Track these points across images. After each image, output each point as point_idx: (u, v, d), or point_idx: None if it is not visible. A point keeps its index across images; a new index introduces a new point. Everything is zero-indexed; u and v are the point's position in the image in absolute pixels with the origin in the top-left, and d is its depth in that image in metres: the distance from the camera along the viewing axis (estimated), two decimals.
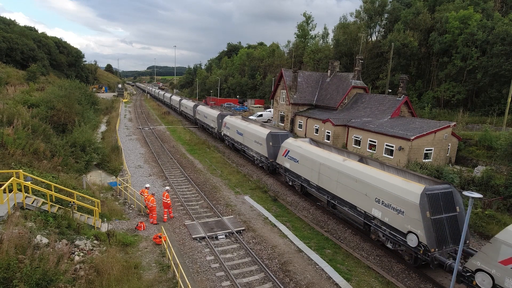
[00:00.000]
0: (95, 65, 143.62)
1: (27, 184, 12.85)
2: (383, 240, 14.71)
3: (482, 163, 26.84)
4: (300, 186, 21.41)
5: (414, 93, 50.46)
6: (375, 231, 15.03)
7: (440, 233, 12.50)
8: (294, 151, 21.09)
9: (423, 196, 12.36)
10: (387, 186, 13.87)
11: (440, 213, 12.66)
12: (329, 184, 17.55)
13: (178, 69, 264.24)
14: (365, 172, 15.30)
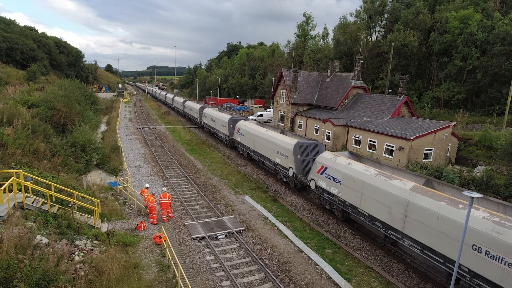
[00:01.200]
0: (95, 65, 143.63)
1: (27, 184, 12.85)
2: (281, 176, 23.08)
3: (482, 163, 26.85)
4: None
5: (414, 93, 50.45)
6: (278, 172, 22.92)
7: (306, 167, 20.75)
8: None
9: (296, 146, 20.98)
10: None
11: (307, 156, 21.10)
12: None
13: (178, 69, 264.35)
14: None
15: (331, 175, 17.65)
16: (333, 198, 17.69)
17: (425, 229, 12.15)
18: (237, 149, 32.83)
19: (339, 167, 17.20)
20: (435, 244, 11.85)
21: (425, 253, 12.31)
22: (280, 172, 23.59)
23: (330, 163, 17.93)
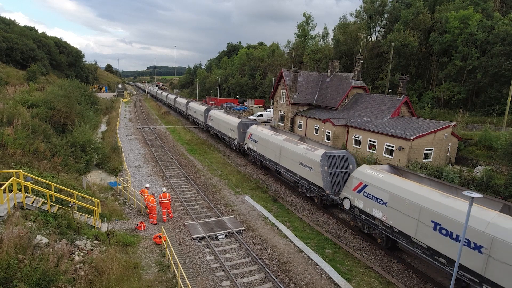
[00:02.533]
0: (95, 65, 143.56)
1: (27, 184, 12.85)
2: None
3: (482, 163, 26.85)
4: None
5: (414, 93, 50.43)
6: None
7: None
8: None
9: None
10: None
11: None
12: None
13: (178, 69, 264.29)
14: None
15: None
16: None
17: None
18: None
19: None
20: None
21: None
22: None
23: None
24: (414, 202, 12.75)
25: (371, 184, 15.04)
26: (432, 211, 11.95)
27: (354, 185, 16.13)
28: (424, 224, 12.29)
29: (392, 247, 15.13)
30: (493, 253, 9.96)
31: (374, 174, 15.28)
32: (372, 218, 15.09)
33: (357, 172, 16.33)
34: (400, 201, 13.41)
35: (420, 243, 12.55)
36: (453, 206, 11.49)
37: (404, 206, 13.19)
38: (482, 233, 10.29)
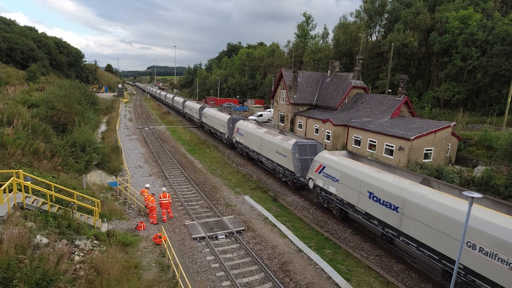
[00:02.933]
0: (95, 65, 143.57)
1: (27, 184, 12.85)
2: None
3: (482, 163, 26.85)
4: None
5: (414, 93, 50.44)
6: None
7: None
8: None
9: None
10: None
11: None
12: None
13: (178, 69, 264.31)
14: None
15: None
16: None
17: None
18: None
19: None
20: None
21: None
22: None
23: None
24: (356, 177, 15.65)
25: (328, 165, 17.81)
26: (368, 183, 14.88)
27: (316, 167, 18.88)
28: (363, 194, 15.25)
29: (344, 217, 17.82)
30: (405, 211, 12.97)
31: (331, 157, 18.15)
32: (329, 194, 17.80)
33: (318, 156, 19.16)
34: (348, 177, 16.24)
35: (361, 210, 15.45)
36: (381, 178, 14.51)
37: (350, 181, 16.05)
38: (398, 197, 13.24)
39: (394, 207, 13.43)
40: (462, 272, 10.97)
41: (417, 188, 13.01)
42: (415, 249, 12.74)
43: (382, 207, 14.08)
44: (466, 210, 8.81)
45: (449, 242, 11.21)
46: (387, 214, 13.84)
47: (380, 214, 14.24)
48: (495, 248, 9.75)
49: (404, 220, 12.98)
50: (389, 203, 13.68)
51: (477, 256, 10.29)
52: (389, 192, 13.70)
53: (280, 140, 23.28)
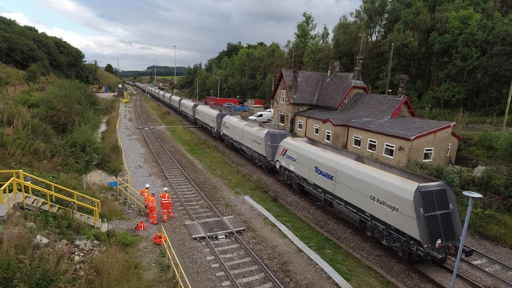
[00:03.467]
0: (95, 65, 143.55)
1: (27, 184, 12.85)
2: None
3: (482, 163, 26.84)
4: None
5: (414, 93, 50.45)
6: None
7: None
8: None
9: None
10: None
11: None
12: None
13: (178, 69, 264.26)
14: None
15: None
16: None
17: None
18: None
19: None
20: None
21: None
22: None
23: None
24: (307, 156, 19.63)
25: (289, 148, 21.82)
26: (315, 160, 18.84)
27: (281, 150, 22.91)
28: (311, 170, 19.15)
29: (302, 191, 21.91)
30: (337, 179, 16.85)
31: (291, 142, 22.25)
32: (290, 172, 21.79)
33: (282, 142, 23.09)
34: (302, 157, 20.22)
35: (311, 182, 19.42)
36: (323, 156, 18.43)
37: (304, 160, 19.96)
38: (333, 168, 17.18)
39: (330, 177, 17.35)
40: (369, 219, 14.93)
41: (344, 161, 16.87)
42: (343, 207, 16.68)
43: (323, 177, 17.99)
44: (372, 174, 14.78)
45: (361, 198, 15.13)
46: (326, 183, 17.75)
47: (322, 183, 18.15)
48: (385, 198, 13.75)
49: (337, 185, 16.89)
50: (327, 174, 17.60)
51: (377, 205, 14.24)
52: (327, 165, 17.62)
53: (256, 130, 27.47)
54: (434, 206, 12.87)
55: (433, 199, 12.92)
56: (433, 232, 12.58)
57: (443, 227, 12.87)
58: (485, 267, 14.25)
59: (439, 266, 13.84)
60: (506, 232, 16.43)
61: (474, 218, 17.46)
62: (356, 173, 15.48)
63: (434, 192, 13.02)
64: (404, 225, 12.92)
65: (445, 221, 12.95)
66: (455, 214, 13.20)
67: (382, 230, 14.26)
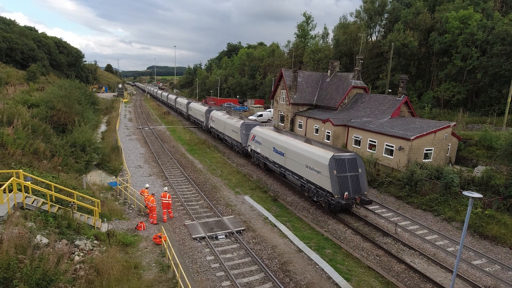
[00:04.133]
0: (95, 65, 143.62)
1: (27, 184, 12.85)
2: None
3: (482, 163, 26.83)
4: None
5: (414, 93, 50.43)
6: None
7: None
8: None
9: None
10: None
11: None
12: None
13: (178, 69, 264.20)
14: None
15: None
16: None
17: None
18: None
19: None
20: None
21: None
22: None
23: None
24: (269, 140, 24.77)
25: (257, 135, 26.96)
26: (273, 142, 23.98)
27: (251, 137, 28.13)
28: (271, 150, 24.22)
29: (266, 169, 27.08)
30: (286, 155, 21.94)
31: (259, 129, 27.53)
32: (258, 154, 27.01)
33: (252, 130, 28.35)
34: (265, 141, 25.34)
35: (271, 160, 24.38)
36: (279, 138, 23.61)
37: (267, 143, 25.07)
38: (283, 147, 22.34)
39: (282, 154, 22.53)
40: (305, 182, 19.96)
41: (292, 141, 22.08)
42: (291, 176, 21.83)
43: (278, 155, 23.11)
44: (307, 149, 20.08)
45: (300, 168, 20.27)
46: (280, 159, 22.90)
47: (278, 160, 23.29)
48: (312, 165, 18.92)
49: (287, 160, 21.99)
50: (281, 152, 22.71)
51: (311, 172, 19.09)
52: (281, 145, 22.77)
53: (234, 122, 32.50)
54: (345, 169, 17.82)
55: (345, 165, 17.85)
56: (342, 187, 17.53)
57: (352, 184, 17.82)
58: (485, 267, 14.25)
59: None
60: (506, 232, 16.42)
61: (474, 218, 17.46)
62: (297, 149, 20.72)
63: (346, 160, 17.95)
64: (323, 183, 17.96)
65: (353, 180, 17.92)
66: (363, 176, 18.26)
67: (313, 189, 19.27)
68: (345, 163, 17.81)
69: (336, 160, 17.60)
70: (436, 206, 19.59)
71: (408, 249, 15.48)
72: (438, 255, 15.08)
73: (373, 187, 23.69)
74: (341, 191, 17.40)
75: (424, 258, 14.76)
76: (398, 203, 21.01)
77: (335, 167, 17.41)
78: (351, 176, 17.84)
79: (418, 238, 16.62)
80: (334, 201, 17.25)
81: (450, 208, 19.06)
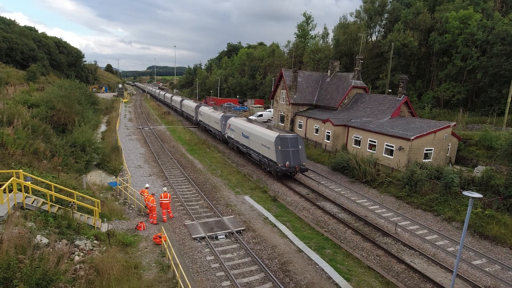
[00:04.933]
0: (95, 65, 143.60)
1: (27, 184, 12.84)
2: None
3: (482, 163, 26.84)
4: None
5: (414, 93, 50.43)
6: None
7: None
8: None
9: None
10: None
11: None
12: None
13: (178, 69, 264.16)
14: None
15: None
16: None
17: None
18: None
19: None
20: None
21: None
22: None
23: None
24: (239, 127, 30.67)
25: (232, 124, 32.94)
26: (242, 129, 29.77)
27: (227, 126, 34.18)
28: (241, 135, 30.01)
29: (238, 151, 33.03)
30: (250, 138, 27.72)
31: (233, 119, 33.48)
32: (232, 139, 33.05)
33: (228, 120, 34.22)
34: (237, 128, 31.21)
35: (240, 143, 30.50)
36: (247, 125, 29.37)
37: (238, 129, 30.84)
38: (248, 132, 28.10)
39: (247, 137, 28.43)
40: (262, 157, 26.03)
41: (255, 127, 28.00)
42: (253, 154, 27.81)
43: (245, 138, 28.95)
44: (263, 131, 26.17)
45: (259, 146, 26.21)
46: (245, 141, 28.93)
47: (245, 142, 29.26)
48: (264, 143, 24.96)
49: (250, 142, 27.90)
50: (246, 136, 28.65)
51: (264, 148, 25.15)
52: (247, 131, 28.63)
53: (216, 114, 38.97)
54: (288, 145, 23.80)
55: (287, 142, 23.85)
56: (284, 159, 23.61)
57: (293, 157, 23.84)
58: (485, 267, 14.25)
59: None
60: (506, 232, 16.42)
61: (474, 218, 17.47)
62: (257, 133, 26.75)
63: (289, 138, 23.99)
64: (272, 156, 24.11)
65: (294, 154, 23.93)
66: (302, 151, 24.32)
67: (266, 162, 25.46)
68: (288, 141, 23.89)
69: (280, 138, 23.60)
70: (436, 206, 19.60)
71: (408, 249, 15.48)
72: (438, 255, 15.08)
73: (373, 187, 23.69)
74: (284, 161, 23.57)
75: (424, 258, 14.76)
76: (398, 203, 21.00)
77: (279, 143, 23.50)
78: (292, 151, 23.87)
79: (418, 238, 16.62)
80: (278, 168, 23.59)
81: (450, 208, 19.06)
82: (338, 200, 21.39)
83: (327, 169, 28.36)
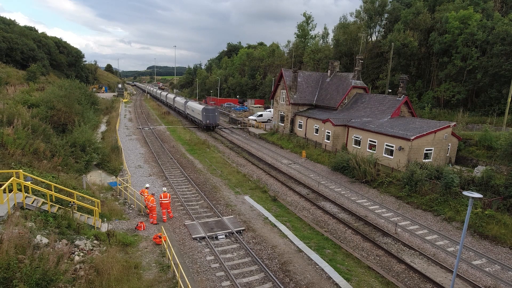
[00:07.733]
0: (95, 65, 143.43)
1: (27, 184, 12.84)
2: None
3: (482, 163, 26.85)
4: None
5: (414, 93, 50.44)
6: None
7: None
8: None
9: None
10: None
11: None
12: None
13: (178, 69, 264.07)
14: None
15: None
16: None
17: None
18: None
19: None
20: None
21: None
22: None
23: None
24: (190, 106, 54.89)
25: (188, 105, 56.26)
26: (191, 106, 54.30)
27: (187, 106, 56.62)
28: (189, 109, 55.35)
29: (191, 121, 55.05)
30: (192, 110, 53.43)
31: (189, 102, 57.42)
32: (188, 114, 56.00)
33: (187, 102, 57.83)
34: (190, 106, 54.82)
35: (189, 114, 55.53)
36: (192, 103, 55.78)
37: (190, 107, 54.99)
38: (192, 107, 54.00)
39: (193, 110, 52.50)
40: (196, 119, 51.14)
41: (195, 104, 53.21)
42: (193, 119, 53.31)
43: (191, 111, 53.24)
44: (196, 106, 52.47)
45: (196, 113, 50.92)
46: (190, 112, 54.13)
47: (190, 112, 54.13)
48: (198, 111, 49.31)
49: (193, 113, 52.06)
50: (192, 109, 52.62)
51: (197, 114, 49.82)
52: (192, 107, 52.68)
53: (199, 106, 49.82)
54: (209, 112, 46.49)
55: (209, 111, 46.63)
56: (206, 119, 46.02)
57: (211, 119, 46.37)
58: (485, 267, 14.26)
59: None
60: (506, 232, 16.43)
61: (474, 218, 17.47)
62: (195, 106, 50.84)
63: (210, 109, 47.33)
64: (200, 118, 46.92)
65: (212, 117, 46.43)
66: (218, 116, 47.73)
67: (198, 121, 48.85)
68: (209, 110, 46.46)
69: (205, 109, 46.29)
70: (436, 206, 19.61)
71: (408, 249, 15.49)
72: (438, 255, 15.09)
73: (373, 187, 23.70)
74: (206, 120, 45.64)
75: (424, 258, 14.77)
76: (398, 203, 21.01)
77: (204, 111, 45.81)
78: (211, 116, 46.10)
79: (418, 238, 16.62)
80: (203, 124, 45.74)
81: (450, 208, 19.07)
82: (338, 200, 21.39)
83: (327, 169, 28.37)
